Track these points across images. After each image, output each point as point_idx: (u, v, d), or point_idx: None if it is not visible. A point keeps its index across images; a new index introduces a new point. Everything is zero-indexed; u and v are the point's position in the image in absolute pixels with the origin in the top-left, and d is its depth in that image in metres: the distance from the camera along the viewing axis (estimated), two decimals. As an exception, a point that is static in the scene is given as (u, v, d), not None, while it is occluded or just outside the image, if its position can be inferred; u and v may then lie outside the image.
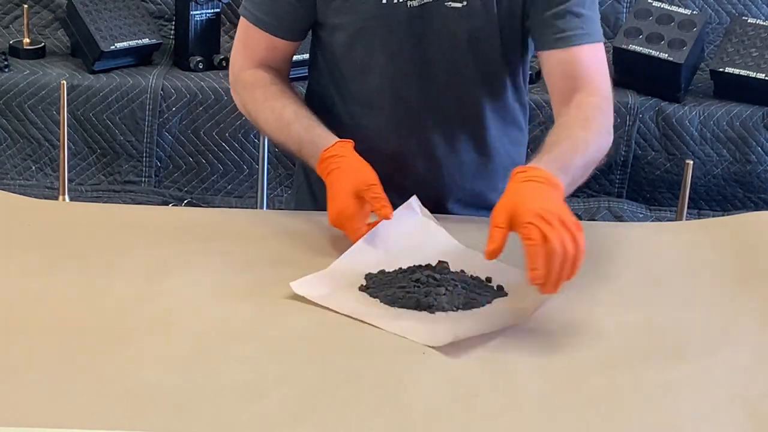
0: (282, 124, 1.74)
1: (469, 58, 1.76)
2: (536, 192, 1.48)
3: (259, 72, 1.80)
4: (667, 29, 3.10)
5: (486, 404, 1.26)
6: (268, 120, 1.77)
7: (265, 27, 1.79)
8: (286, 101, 1.76)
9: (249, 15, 1.80)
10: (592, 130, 1.66)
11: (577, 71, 1.72)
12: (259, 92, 1.78)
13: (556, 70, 1.74)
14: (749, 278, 1.58)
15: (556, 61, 1.74)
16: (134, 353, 1.33)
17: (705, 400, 1.29)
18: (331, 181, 1.63)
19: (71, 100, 3.00)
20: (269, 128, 1.79)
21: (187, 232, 1.65)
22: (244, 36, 1.83)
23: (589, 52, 1.73)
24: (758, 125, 3.06)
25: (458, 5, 1.72)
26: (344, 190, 1.59)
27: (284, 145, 1.77)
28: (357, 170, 1.62)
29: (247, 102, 1.81)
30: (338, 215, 1.59)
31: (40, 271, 1.51)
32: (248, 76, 1.80)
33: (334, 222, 1.60)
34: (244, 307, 1.44)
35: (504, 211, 1.44)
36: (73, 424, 1.19)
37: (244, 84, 1.81)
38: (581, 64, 1.72)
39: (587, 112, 1.69)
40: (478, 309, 1.45)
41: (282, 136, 1.75)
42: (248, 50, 1.82)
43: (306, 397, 1.26)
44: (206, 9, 3.14)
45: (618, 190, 3.12)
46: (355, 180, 1.60)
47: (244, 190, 3.07)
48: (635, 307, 1.49)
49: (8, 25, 3.29)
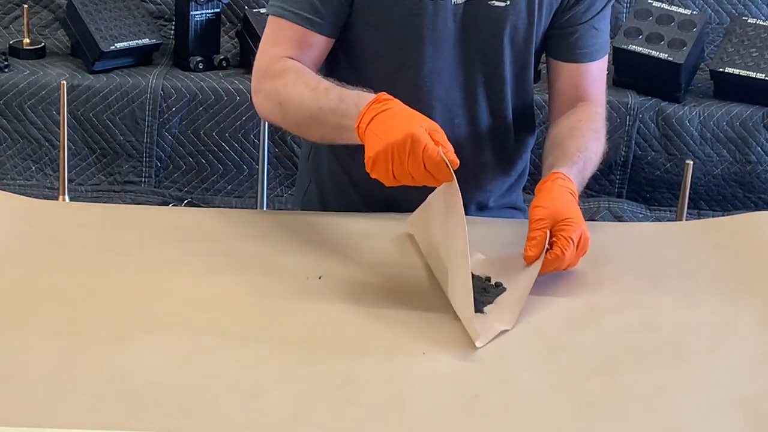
0: (318, 91, 1.62)
1: (506, 58, 1.77)
2: (574, 206, 1.58)
3: (290, 61, 1.71)
4: (667, 29, 3.10)
5: (486, 404, 1.26)
6: (299, 93, 1.64)
7: (306, 23, 1.71)
8: (321, 78, 1.66)
9: (284, 12, 1.72)
10: (601, 142, 1.76)
11: (586, 84, 1.82)
12: (291, 76, 1.68)
13: (565, 80, 1.83)
14: (749, 278, 1.58)
15: (568, 72, 1.82)
16: (134, 353, 1.33)
17: (705, 400, 1.29)
18: (390, 115, 1.47)
19: (71, 100, 3.00)
20: (300, 101, 1.64)
21: (187, 232, 1.65)
22: (273, 35, 1.74)
23: (599, 65, 1.82)
24: (758, 125, 3.06)
25: (501, 4, 1.73)
26: (414, 119, 1.45)
27: (318, 111, 1.61)
28: (418, 114, 1.48)
29: (278, 87, 1.69)
30: (410, 137, 1.41)
31: (40, 271, 1.51)
32: (279, 65, 1.71)
33: (399, 143, 1.41)
34: (244, 307, 1.45)
35: (549, 217, 1.54)
36: (73, 424, 1.19)
37: (274, 73, 1.70)
38: (591, 77, 1.82)
39: (598, 123, 1.78)
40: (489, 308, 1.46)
41: (316, 101, 1.61)
42: (278, 48, 1.73)
43: (306, 397, 1.26)
44: (206, 9, 3.13)
45: (618, 190, 3.12)
46: (422, 119, 1.46)
47: (244, 190, 3.07)
48: (635, 307, 1.49)
49: (8, 25, 3.29)
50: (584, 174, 1.70)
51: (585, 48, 1.80)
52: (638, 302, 1.51)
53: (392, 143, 1.42)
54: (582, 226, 1.54)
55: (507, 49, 1.77)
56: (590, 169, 1.73)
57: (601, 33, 1.81)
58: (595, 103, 1.81)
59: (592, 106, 1.80)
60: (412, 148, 1.41)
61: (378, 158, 1.43)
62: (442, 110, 1.78)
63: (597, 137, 1.76)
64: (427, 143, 1.41)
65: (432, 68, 1.76)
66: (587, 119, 1.77)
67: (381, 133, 1.45)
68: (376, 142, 1.44)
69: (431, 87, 1.77)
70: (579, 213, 1.57)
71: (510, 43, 1.77)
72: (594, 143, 1.74)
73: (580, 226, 1.54)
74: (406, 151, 1.41)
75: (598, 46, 1.81)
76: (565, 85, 1.83)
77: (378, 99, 1.52)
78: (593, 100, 1.81)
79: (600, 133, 1.77)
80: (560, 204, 1.56)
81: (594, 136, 1.75)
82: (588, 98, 1.81)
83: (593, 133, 1.75)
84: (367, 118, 1.49)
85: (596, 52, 1.81)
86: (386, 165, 1.43)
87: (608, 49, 1.85)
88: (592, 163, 1.73)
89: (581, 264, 1.58)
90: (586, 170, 1.71)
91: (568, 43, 1.80)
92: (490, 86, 1.80)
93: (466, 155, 1.80)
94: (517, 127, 1.86)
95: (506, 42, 1.76)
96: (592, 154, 1.73)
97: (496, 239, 1.66)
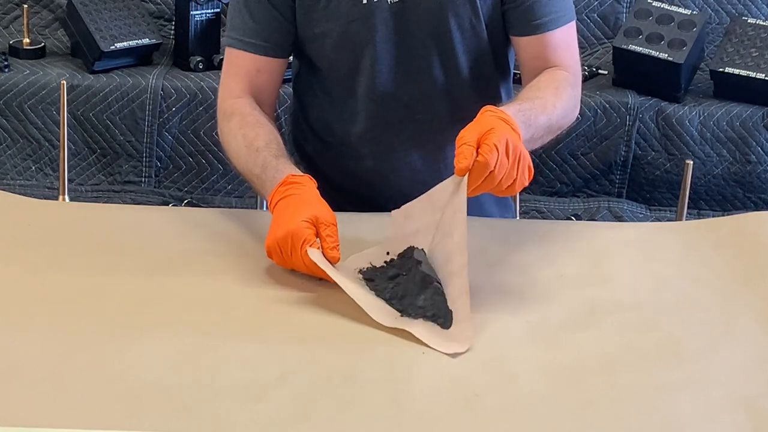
0: (250, 151, 1.67)
1: (458, 47, 1.77)
2: (504, 127, 1.49)
3: (240, 101, 1.77)
4: (667, 29, 3.10)
5: (486, 404, 1.26)
6: (239, 146, 1.70)
7: (252, 49, 1.77)
8: (260, 130, 1.70)
9: (235, 42, 1.79)
10: (561, 97, 1.70)
11: (548, 54, 1.78)
12: (236, 120, 1.74)
13: (527, 53, 1.79)
14: (749, 278, 1.58)
15: (527, 45, 1.79)
16: (134, 353, 1.33)
17: (705, 400, 1.29)
18: (286, 204, 1.53)
19: (71, 100, 3.00)
20: (237, 155, 1.70)
21: (187, 232, 1.65)
22: (228, 66, 1.82)
23: (560, 34, 1.78)
24: (758, 125, 3.06)
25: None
26: (301, 213, 1.50)
27: (248, 173, 1.67)
28: (318, 204, 1.53)
29: (223, 131, 1.76)
30: (291, 234, 1.47)
31: (40, 271, 1.51)
32: (229, 106, 1.77)
33: (281, 240, 1.48)
34: (244, 307, 1.45)
35: (475, 133, 1.46)
36: (73, 424, 1.19)
37: (224, 114, 1.77)
38: (552, 47, 1.78)
39: (558, 81, 1.74)
40: None
41: (248, 162, 1.67)
42: (234, 79, 1.79)
43: (306, 397, 1.26)
44: (206, 9, 3.14)
45: (618, 190, 3.12)
46: (316, 210, 1.51)
47: (244, 190, 3.07)
48: (635, 307, 1.49)
49: (8, 25, 3.29)
50: (536, 119, 1.61)
51: (537, 20, 1.76)
52: (638, 302, 1.51)
53: (277, 239, 1.49)
54: (507, 136, 1.46)
55: (457, 39, 1.76)
56: (546, 116, 1.64)
57: (557, 1, 1.76)
58: (561, 67, 1.77)
59: (556, 69, 1.76)
60: (293, 245, 1.47)
61: (270, 250, 1.51)
62: (403, 109, 1.79)
63: (555, 92, 1.70)
64: (304, 241, 1.46)
65: (384, 69, 1.77)
66: (548, 74, 1.74)
67: (274, 225, 1.51)
68: (270, 232, 1.51)
69: (387, 87, 1.78)
70: (505, 127, 1.48)
71: (459, 32, 1.76)
72: (551, 96, 1.68)
73: (505, 135, 1.45)
74: (288, 248, 1.48)
75: (552, 16, 1.76)
76: (527, 56, 1.79)
77: (284, 182, 1.57)
78: (559, 65, 1.77)
79: (559, 90, 1.71)
80: (485, 124, 1.48)
81: (552, 91, 1.70)
82: (552, 66, 1.77)
83: (552, 88, 1.70)
84: (274, 200, 1.55)
85: (551, 22, 1.76)
86: (278, 256, 1.50)
87: (571, 17, 1.79)
88: (548, 110, 1.65)
89: (581, 264, 1.58)
90: (539, 116, 1.62)
91: (521, 17, 1.77)
92: (449, 79, 1.79)
93: (433, 149, 1.82)
94: None
95: (454, 31, 1.75)
96: (546, 102, 1.66)
97: (488, 237, 1.66)
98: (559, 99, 1.70)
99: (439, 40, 1.75)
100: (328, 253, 1.47)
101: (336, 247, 1.48)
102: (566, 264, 1.60)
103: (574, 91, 1.76)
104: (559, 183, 3.11)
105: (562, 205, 3.08)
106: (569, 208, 3.07)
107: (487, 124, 1.47)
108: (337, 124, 1.84)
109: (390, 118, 1.80)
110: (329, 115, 1.85)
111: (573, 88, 1.76)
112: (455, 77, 1.79)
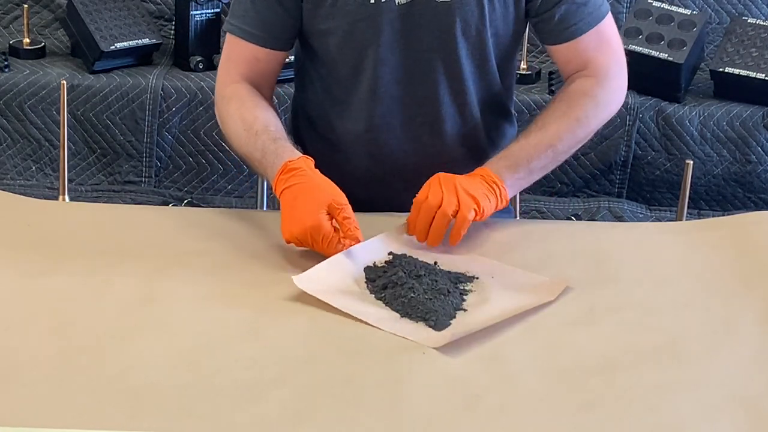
0: (250, 134, 1.70)
1: (461, 53, 1.77)
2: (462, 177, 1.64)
3: (239, 86, 1.78)
4: (667, 29, 3.10)
5: (486, 404, 1.26)
6: (237, 130, 1.73)
7: (252, 38, 1.77)
8: (258, 113, 1.73)
9: (234, 29, 1.79)
10: (570, 117, 1.76)
11: (581, 57, 1.80)
12: (234, 104, 1.75)
13: (561, 58, 1.83)
14: (749, 278, 1.58)
15: (559, 51, 1.82)
16: (134, 353, 1.33)
17: (705, 400, 1.29)
18: (294, 194, 1.56)
19: (71, 100, 3.00)
20: (237, 138, 1.74)
21: (187, 232, 1.65)
22: (228, 51, 1.82)
23: (592, 35, 1.80)
24: (758, 125, 3.06)
25: (447, 0, 1.72)
26: (315, 205, 1.54)
27: (248, 157, 1.71)
28: (326, 188, 1.57)
29: (222, 114, 1.78)
30: (310, 230, 1.52)
31: (40, 271, 1.51)
32: (228, 91, 1.78)
33: (301, 236, 1.53)
34: (244, 307, 1.45)
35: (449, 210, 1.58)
36: (73, 424, 1.19)
37: (222, 98, 1.79)
38: (583, 49, 1.80)
39: (571, 99, 1.78)
40: (467, 310, 1.46)
41: (248, 146, 1.70)
42: (233, 65, 1.80)
43: (306, 398, 1.26)
44: (206, 9, 3.13)
45: (618, 190, 3.12)
46: (327, 197, 1.55)
47: (244, 190, 3.07)
48: (635, 307, 1.49)
49: (8, 25, 3.29)
50: (529, 162, 1.72)
51: (568, 27, 1.78)
52: (638, 302, 1.51)
53: (297, 235, 1.53)
54: (449, 179, 1.62)
55: (461, 44, 1.76)
56: (547, 153, 1.75)
57: (582, 5, 1.77)
58: (593, 67, 1.80)
59: (582, 79, 1.80)
60: (314, 239, 1.52)
61: (292, 243, 1.56)
62: (403, 111, 1.79)
63: (562, 112, 1.77)
64: (324, 235, 1.52)
65: (387, 70, 1.77)
66: (565, 97, 1.79)
67: (286, 216, 1.56)
68: (286, 227, 1.55)
69: (389, 88, 1.78)
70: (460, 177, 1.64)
71: (463, 38, 1.76)
72: (555, 118, 1.76)
73: (442, 178, 1.62)
74: (309, 243, 1.53)
75: (583, 20, 1.78)
76: (561, 60, 1.83)
77: (284, 169, 1.60)
78: (588, 70, 1.80)
79: (571, 106, 1.77)
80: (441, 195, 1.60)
81: (558, 111, 1.77)
82: (584, 69, 1.81)
83: (555, 110, 1.77)
84: (279, 187, 1.60)
85: (582, 26, 1.78)
86: (299, 245, 1.56)
87: (604, 13, 1.80)
88: (542, 144, 1.74)
89: (581, 264, 1.58)
90: (531, 160, 1.72)
91: (553, 28, 1.78)
92: (451, 83, 1.79)
93: (433, 153, 1.82)
94: (487, 122, 1.86)
95: (459, 37, 1.75)
96: (546, 133, 1.75)
97: (488, 237, 1.66)
98: (567, 121, 1.76)
99: (444, 44, 1.75)
100: (350, 235, 1.53)
101: (356, 227, 1.54)
102: (566, 264, 1.60)
103: (590, 101, 1.79)
104: (559, 183, 3.11)
105: (562, 205, 3.08)
106: (569, 208, 3.07)
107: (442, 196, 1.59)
108: (336, 122, 1.84)
109: (390, 119, 1.80)
110: (330, 112, 1.85)
111: (590, 98, 1.79)
112: (458, 82, 1.79)
